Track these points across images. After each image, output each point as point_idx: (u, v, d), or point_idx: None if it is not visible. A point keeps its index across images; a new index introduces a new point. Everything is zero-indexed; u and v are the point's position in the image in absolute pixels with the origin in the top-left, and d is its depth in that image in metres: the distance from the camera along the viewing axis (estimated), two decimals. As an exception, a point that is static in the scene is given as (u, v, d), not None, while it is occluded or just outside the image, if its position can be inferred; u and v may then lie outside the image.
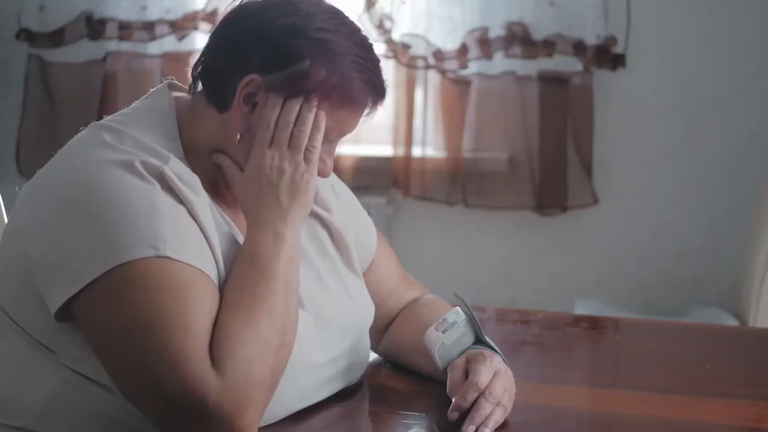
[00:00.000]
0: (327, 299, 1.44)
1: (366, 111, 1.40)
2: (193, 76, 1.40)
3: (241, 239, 1.36)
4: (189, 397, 1.18)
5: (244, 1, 1.39)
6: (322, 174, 1.40)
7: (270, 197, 1.33)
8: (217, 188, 1.39)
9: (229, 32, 1.39)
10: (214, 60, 1.38)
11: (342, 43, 1.35)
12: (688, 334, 1.98)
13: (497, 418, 1.35)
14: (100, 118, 1.40)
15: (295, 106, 1.34)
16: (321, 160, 1.39)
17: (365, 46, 1.39)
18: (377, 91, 1.39)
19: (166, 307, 1.21)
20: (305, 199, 1.35)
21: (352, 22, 1.40)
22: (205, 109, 1.38)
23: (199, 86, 1.40)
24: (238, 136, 1.35)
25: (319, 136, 1.36)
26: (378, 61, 1.40)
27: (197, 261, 1.26)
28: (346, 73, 1.35)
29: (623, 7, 3.19)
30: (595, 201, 3.28)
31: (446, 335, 1.44)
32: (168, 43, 3.33)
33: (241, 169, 1.36)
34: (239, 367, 1.20)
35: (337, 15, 1.39)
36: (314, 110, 1.35)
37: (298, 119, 1.34)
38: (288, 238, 1.32)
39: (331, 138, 1.39)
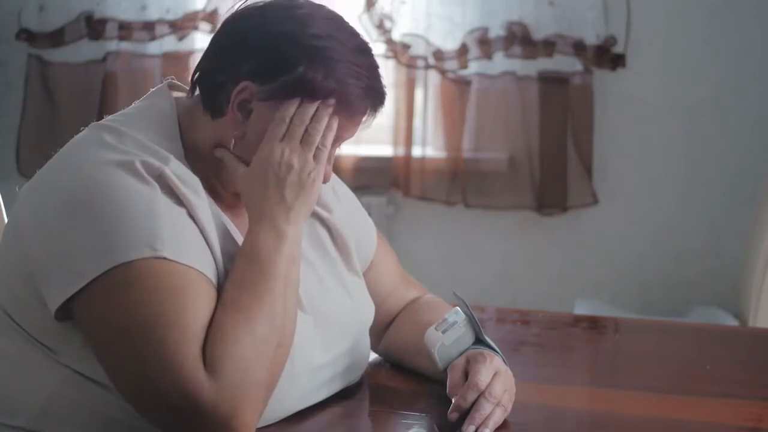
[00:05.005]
0: (327, 299, 1.44)
1: (364, 118, 1.39)
2: (192, 80, 1.40)
3: (240, 240, 1.35)
4: (184, 398, 1.18)
5: (243, 6, 1.39)
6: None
7: (275, 192, 1.32)
8: (217, 189, 1.39)
9: (224, 38, 1.38)
10: (209, 66, 1.38)
11: (338, 49, 1.34)
12: (688, 334, 1.98)
13: (497, 418, 1.35)
14: (100, 118, 1.40)
15: (312, 105, 1.33)
16: None
17: (363, 51, 1.37)
18: (375, 98, 1.38)
19: (163, 308, 1.21)
20: (310, 197, 1.34)
21: (350, 27, 1.38)
22: (202, 113, 1.38)
23: (197, 90, 1.40)
24: (233, 143, 1.35)
25: (331, 136, 1.35)
26: (377, 67, 1.38)
27: (196, 262, 1.26)
28: (341, 79, 1.33)
29: (623, 7, 3.19)
30: (595, 201, 3.28)
31: (446, 335, 1.44)
32: (168, 43, 3.33)
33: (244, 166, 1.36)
34: (235, 368, 1.20)
35: (335, 20, 1.37)
36: (330, 111, 1.34)
37: (314, 117, 1.34)
38: (289, 236, 1.31)
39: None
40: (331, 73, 1.33)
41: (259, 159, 1.33)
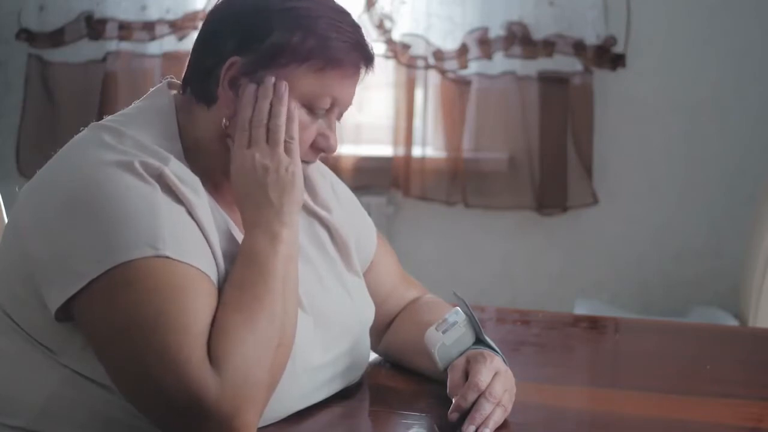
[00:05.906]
0: (327, 299, 1.44)
1: (354, 73, 1.38)
2: (183, 79, 1.41)
3: (240, 238, 1.35)
4: (187, 397, 1.18)
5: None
6: (327, 150, 1.40)
7: (260, 197, 1.33)
8: (217, 187, 1.39)
9: (205, 30, 1.40)
10: (195, 59, 1.39)
11: (315, 8, 1.35)
12: (688, 334, 1.98)
13: (497, 418, 1.35)
14: (100, 118, 1.40)
15: (265, 102, 1.33)
16: (323, 135, 1.38)
17: (343, 12, 1.38)
18: (360, 51, 1.37)
19: (165, 307, 1.21)
20: (295, 192, 1.34)
21: None
22: (197, 108, 1.38)
23: (189, 89, 1.40)
24: (225, 121, 1.35)
25: (295, 126, 1.35)
26: (359, 26, 1.39)
27: (197, 261, 1.26)
28: (323, 34, 1.34)
29: (623, 7, 3.19)
30: (595, 201, 3.28)
31: (446, 335, 1.44)
32: (168, 43, 3.34)
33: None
34: (237, 367, 1.20)
35: None
36: (286, 101, 1.34)
37: (271, 113, 1.33)
38: (284, 236, 1.31)
39: (324, 106, 1.37)
40: (311, 30, 1.33)
41: (235, 169, 1.34)
